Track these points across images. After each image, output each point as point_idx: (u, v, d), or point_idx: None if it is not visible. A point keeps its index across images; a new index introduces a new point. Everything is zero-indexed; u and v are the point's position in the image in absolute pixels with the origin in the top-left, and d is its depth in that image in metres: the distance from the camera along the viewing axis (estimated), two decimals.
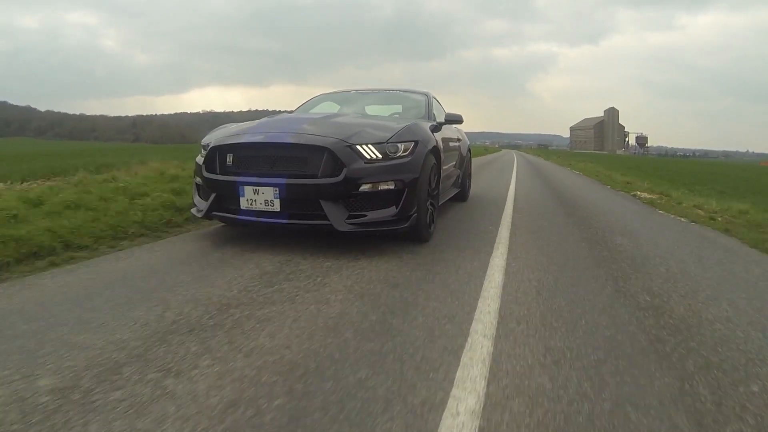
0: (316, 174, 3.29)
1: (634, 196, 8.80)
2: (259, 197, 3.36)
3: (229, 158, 3.58)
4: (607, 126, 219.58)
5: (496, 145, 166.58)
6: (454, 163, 5.72)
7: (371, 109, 5.30)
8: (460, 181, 6.24)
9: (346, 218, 3.30)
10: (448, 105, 5.96)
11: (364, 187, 3.30)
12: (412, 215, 3.48)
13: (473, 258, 3.43)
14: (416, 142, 3.60)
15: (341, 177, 3.25)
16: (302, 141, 3.40)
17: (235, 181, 3.43)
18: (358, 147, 3.35)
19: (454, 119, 5.13)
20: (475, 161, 24.36)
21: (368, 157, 3.36)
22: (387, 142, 3.45)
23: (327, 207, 3.28)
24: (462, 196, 6.47)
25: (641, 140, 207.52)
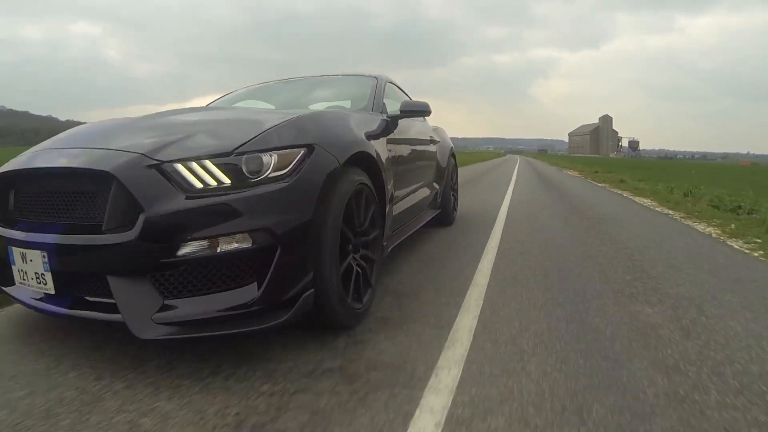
0: (101, 224, 1.54)
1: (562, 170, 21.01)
2: (29, 267, 1.67)
3: (11, 197, 1.87)
4: (602, 132, 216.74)
5: (501, 151, 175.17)
6: (428, 178, 3.77)
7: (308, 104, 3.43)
8: (439, 200, 4.21)
9: (157, 311, 1.49)
10: (449, 112, 3.89)
11: (189, 249, 1.48)
12: (298, 297, 1.63)
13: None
14: (307, 150, 1.74)
15: (136, 230, 1.47)
16: (80, 163, 1.63)
17: (3, 238, 1.77)
18: (176, 166, 1.54)
19: (415, 109, 3.03)
20: (497, 160, 36.94)
21: (197, 184, 1.53)
22: (235, 152, 1.61)
23: (118, 290, 1.51)
24: (444, 218, 4.38)
25: (633, 144, 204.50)
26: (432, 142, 4.02)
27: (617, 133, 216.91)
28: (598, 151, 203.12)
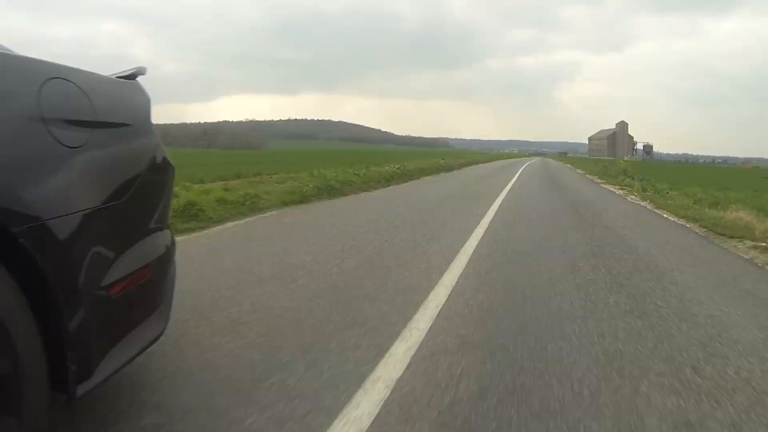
0: None
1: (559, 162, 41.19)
2: None
3: None
4: (618, 136, 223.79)
5: (526, 152, 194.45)
6: None
7: None
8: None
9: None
10: (473, 113, 5.45)
11: None
12: None
13: None
14: None
15: None
16: None
17: None
18: None
19: None
20: (525, 158, 64.40)
21: None
22: None
23: None
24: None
25: (647, 148, 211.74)
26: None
27: (632, 138, 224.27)
28: (615, 154, 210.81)
